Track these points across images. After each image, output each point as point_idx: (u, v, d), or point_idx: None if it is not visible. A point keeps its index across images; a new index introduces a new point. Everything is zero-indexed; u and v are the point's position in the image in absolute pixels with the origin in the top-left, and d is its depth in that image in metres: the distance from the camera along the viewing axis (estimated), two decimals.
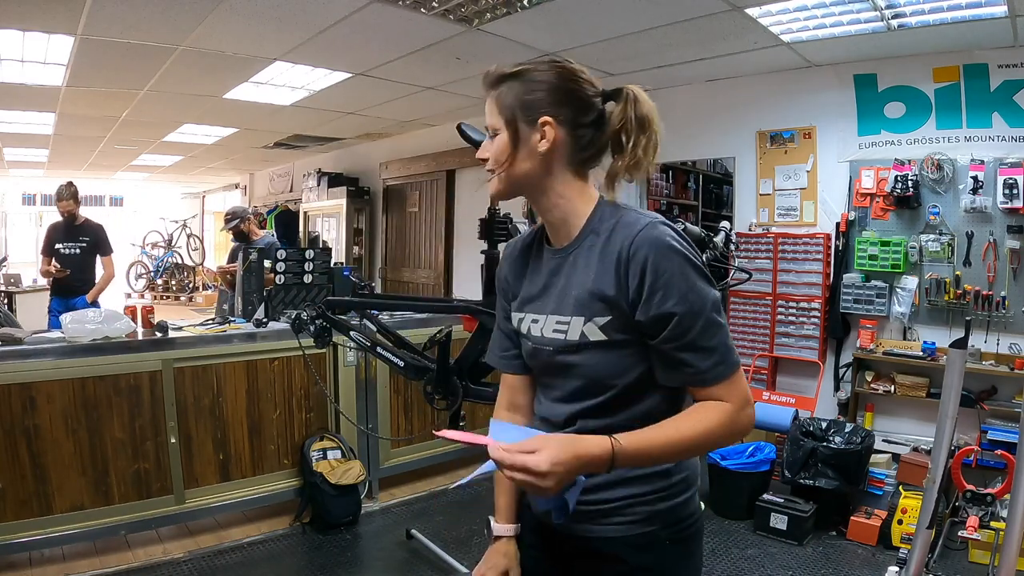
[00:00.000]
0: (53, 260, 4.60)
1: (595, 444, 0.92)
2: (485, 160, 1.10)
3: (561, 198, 1.08)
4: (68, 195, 4.56)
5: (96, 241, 4.78)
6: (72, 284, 4.64)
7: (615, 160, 1.08)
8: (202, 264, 12.50)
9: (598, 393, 1.06)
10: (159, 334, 3.04)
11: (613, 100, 1.07)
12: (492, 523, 1.26)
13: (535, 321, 1.13)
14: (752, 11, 3.08)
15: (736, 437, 1.02)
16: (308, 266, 3.69)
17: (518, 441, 0.91)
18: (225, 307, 4.66)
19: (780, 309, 3.97)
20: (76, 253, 4.69)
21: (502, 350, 1.26)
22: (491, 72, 1.09)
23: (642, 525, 1.07)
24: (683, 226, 1.58)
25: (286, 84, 4.67)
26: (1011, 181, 3.17)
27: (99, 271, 4.85)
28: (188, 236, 12.72)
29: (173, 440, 2.98)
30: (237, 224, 4.62)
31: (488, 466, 0.93)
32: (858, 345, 3.66)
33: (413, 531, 3.13)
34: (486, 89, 1.09)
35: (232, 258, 4.89)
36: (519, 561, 1.21)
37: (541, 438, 0.92)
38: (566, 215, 1.09)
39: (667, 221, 1.04)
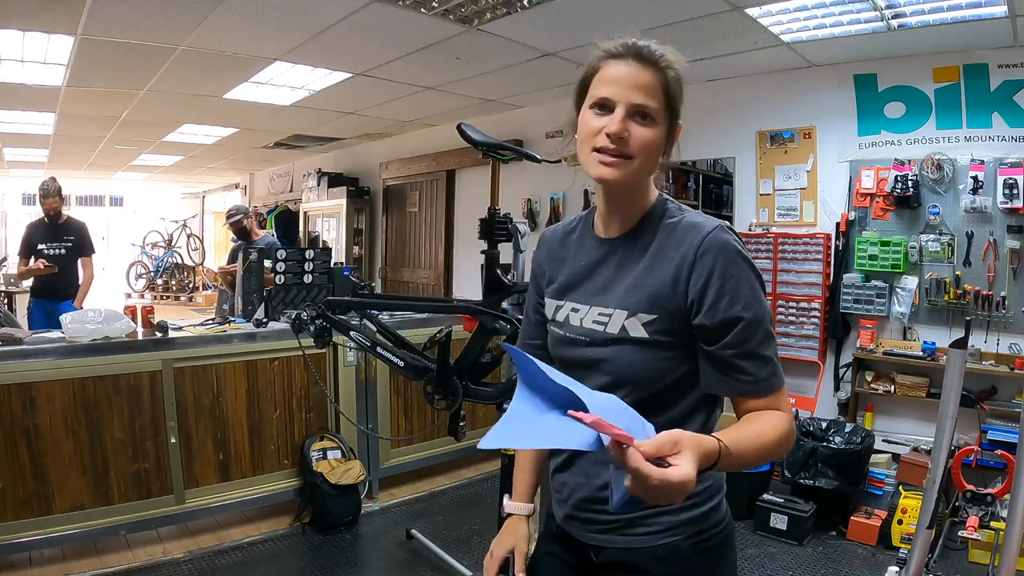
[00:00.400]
0: (33, 260, 4.33)
1: (711, 444, 0.80)
2: (617, 137, 0.96)
3: (641, 196, 1.07)
4: (54, 191, 4.31)
5: (81, 241, 4.52)
6: (57, 286, 4.37)
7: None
8: (202, 264, 12.51)
9: (624, 394, 1.01)
10: (159, 334, 3.04)
11: None
12: (504, 500, 1.26)
13: (575, 310, 1.09)
14: (752, 11, 3.08)
15: (790, 448, 1.00)
16: (308, 266, 3.69)
17: (643, 438, 0.73)
18: (225, 307, 4.66)
19: (780, 309, 3.96)
20: (61, 254, 4.40)
21: (529, 338, 1.25)
22: (665, 52, 1.01)
23: (664, 535, 1.03)
24: None
25: (286, 84, 4.67)
26: (1011, 181, 3.17)
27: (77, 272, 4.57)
28: (188, 236, 12.72)
29: (173, 440, 2.97)
30: (240, 220, 4.63)
31: (583, 441, 0.70)
32: (858, 345, 3.66)
33: (413, 531, 3.13)
34: (649, 65, 0.99)
35: (232, 258, 4.89)
36: (528, 540, 1.21)
37: (673, 440, 0.74)
38: (634, 209, 1.07)
39: (732, 227, 1.03)
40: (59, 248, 4.40)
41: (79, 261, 4.55)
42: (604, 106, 0.98)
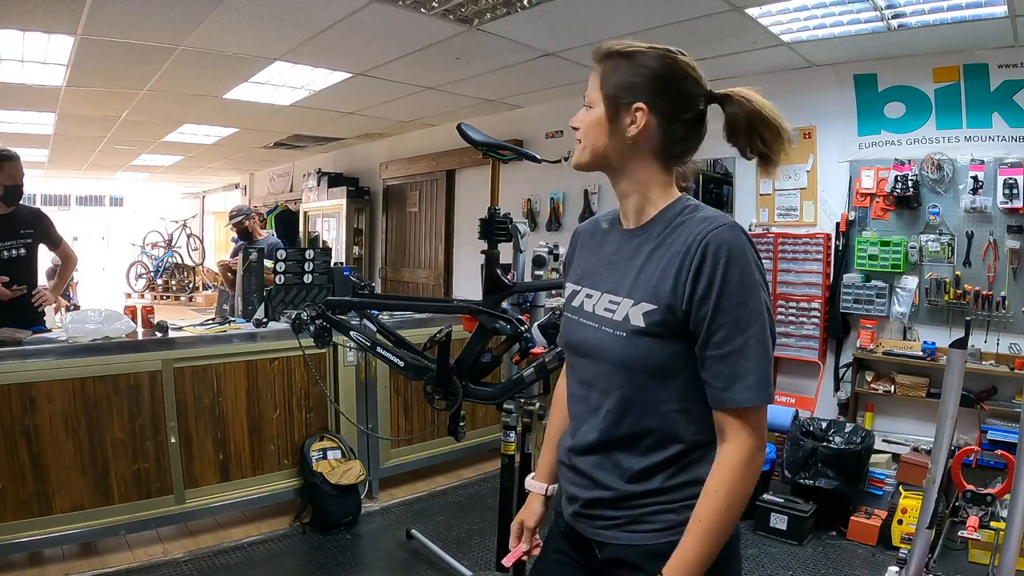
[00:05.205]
0: None
1: None
2: (575, 129, 1.10)
3: (641, 185, 1.08)
4: (14, 155, 3.13)
5: (43, 231, 3.32)
6: (19, 307, 3.10)
7: (752, 159, 1.10)
8: (202, 264, 12.51)
9: (619, 382, 1.04)
10: (159, 334, 3.04)
11: (720, 105, 1.08)
12: (527, 479, 1.30)
13: (589, 296, 1.11)
14: (752, 11, 3.08)
15: (753, 483, 0.99)
16: (308, 266, 3.69)
17: None
18: (225, 307, 4.66)
19: (780, 309, 3.96)
20: (20, 255, 3.14)
21: None
22: (602, 46, 1.08)
23: (666, 534, 1.03)
24: None
25: (286, 84, 4.67)
26: (1011, 181, 3.17)
27: (39, 274, 3.39)
28: (188, 236, 12.72)
29: (173, 440, 2.97)
30: (242, 220, 4.64)
31: None
32: (858, 345, 3.66)
33: (413, 531, 3.13)
34: (593, 62, 1.09)
35: (234, 256, 4.89)
36: (537, 517, 1.27)
37: None
38: (642, 203, 1.09)
39: (744, 229, 1.03)
40: (16, 248, 3.13)
41: (52, 256, 3.36)
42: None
